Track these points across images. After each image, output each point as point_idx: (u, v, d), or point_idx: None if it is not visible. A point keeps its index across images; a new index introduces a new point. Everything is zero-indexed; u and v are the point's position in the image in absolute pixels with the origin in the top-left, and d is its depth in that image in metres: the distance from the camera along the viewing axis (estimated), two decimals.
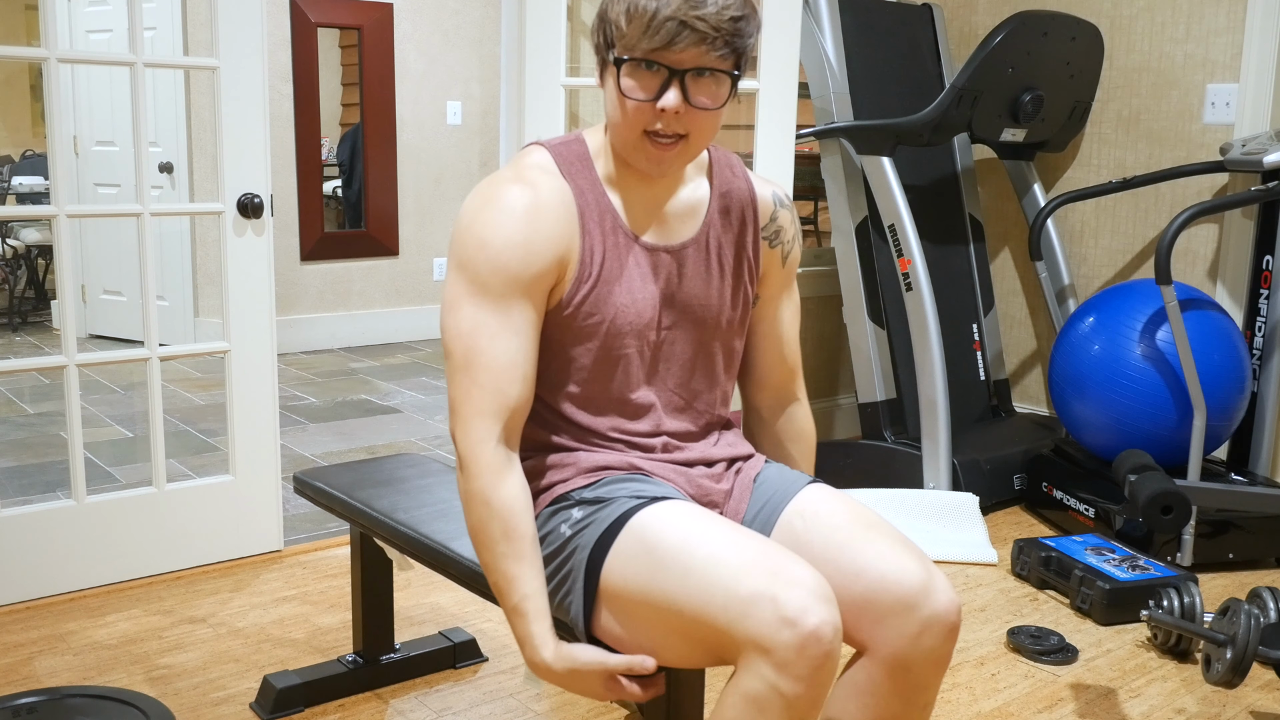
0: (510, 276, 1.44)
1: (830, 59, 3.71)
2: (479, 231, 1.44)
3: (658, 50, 1.39)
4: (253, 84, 2.87)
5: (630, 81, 1.43)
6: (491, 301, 1.44)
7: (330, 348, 6.19)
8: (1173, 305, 2.95)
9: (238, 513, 3.02)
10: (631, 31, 1.40)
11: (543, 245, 1.45)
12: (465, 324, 1.44)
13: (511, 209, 1.44)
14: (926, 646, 1.43)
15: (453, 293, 1.46)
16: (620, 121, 1.46)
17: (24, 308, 6.86)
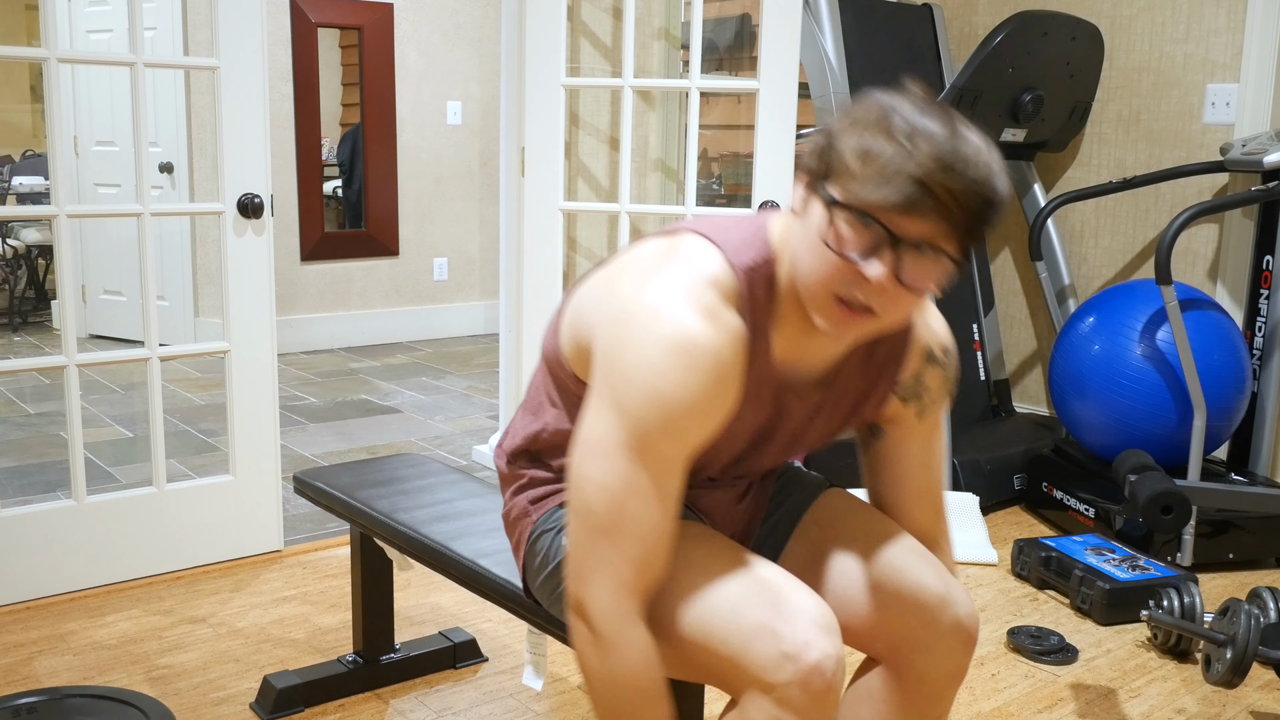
0: (683, 443, 1.25)
1: (830, 59, 3.71)
2: (659, 385, 1.22)
3: (884, 209, 1.16)
4: (253, 84, 2.87)
5: (838, 233, 1.19)
6: (653, 463, 1.24)
7: (330, 348, 6.19)
8: (1173, 305, 2.95)
9: (238, 513, 3.02)
10: (861, 176, 1.17)
11: (720, 412, 1.27)
12: (617, 481, 1.24)
13: (700, 368, 1.22)
14: (943, 659, 1.42)
15: (606, 438, 1.24)
16: (811, 271, 1.23)
17: (24, 308, 6.86)
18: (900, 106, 1.19)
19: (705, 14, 5.62)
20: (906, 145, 1.15)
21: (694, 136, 3.18)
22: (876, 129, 1.17)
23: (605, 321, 1.28)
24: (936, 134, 1.16)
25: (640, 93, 3.57)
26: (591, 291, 1.39)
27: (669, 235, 1.35)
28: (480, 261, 6.67)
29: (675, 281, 1.25)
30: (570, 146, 3.50)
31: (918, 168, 1.14)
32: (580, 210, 3.29)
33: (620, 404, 1.23)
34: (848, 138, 1.19)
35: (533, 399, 1.53)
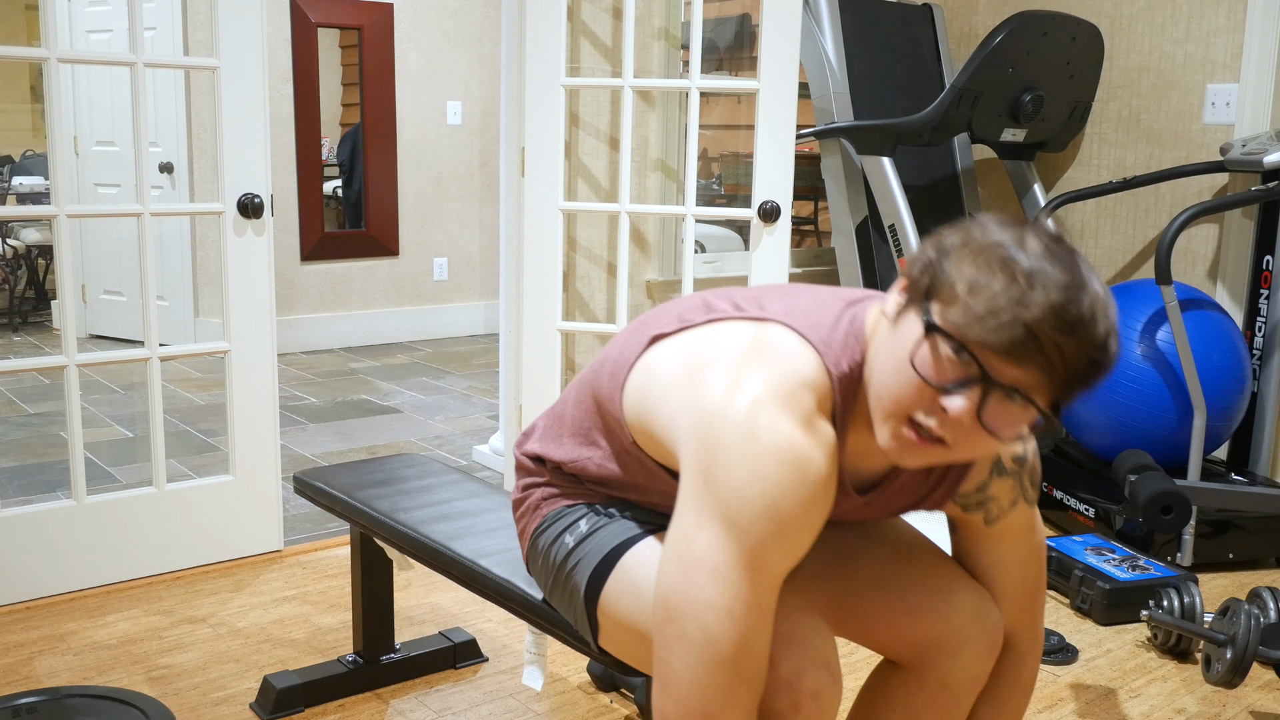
0: (795, 557, 1.20)
1: (830, 59, 3.71)
2: (776, 501, 1.16)
3: (985, 348, 1.10)
4: (253, 84, 2.87)
5: (928, 355, 1.14)
6: (768, 580, 1.18)
7: (330, 348, 6.19)
8: (1173, 305, 2.95)
9: (238, 513, 3.02)
10: (968, 307, 1.10)
11: (823, 522, 1.23)
12: (739, 604, 1.16)
13: (811, 482, 1.17)
14: (967, 665, 1.42)
15: (719, 557, 1.17)
16: (890, 388, 1.18)
17: (24, 308, 6.86)
18: (1026, 241, 1.11)
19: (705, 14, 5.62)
20: (1024, 287, 1.08)
21: (694, 136, 3.18)
22: (995, 262, 1.10)
23: (697, 427, 1.21)
24: (1058, 282, 1.08)
25: (640, 93, 3.57)
26: (669, 370, 1.31)
27: (755, 323, 1.28)
28: (480, 261, 6.67)
29: (773, 387, 1.19)
30: (570, 146, 3.50)
31: (1032, 316, 1.07)
32: (580, 210, 3.29)
33: (733, 520, 1.16)
34: (962, 263, 1.12)
35: (577, 424, 1.48)
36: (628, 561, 1.40)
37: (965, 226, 1.16)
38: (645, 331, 1.41)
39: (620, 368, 1.40)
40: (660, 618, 1.21)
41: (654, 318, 1.43)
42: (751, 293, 1.37)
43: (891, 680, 1.48)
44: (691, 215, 3.23)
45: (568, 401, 1.53)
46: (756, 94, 3.16)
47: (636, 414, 1.35)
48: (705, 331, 1.32)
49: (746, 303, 1.34)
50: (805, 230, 6.17)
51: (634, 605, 1.38)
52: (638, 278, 3.70)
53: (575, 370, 3.61)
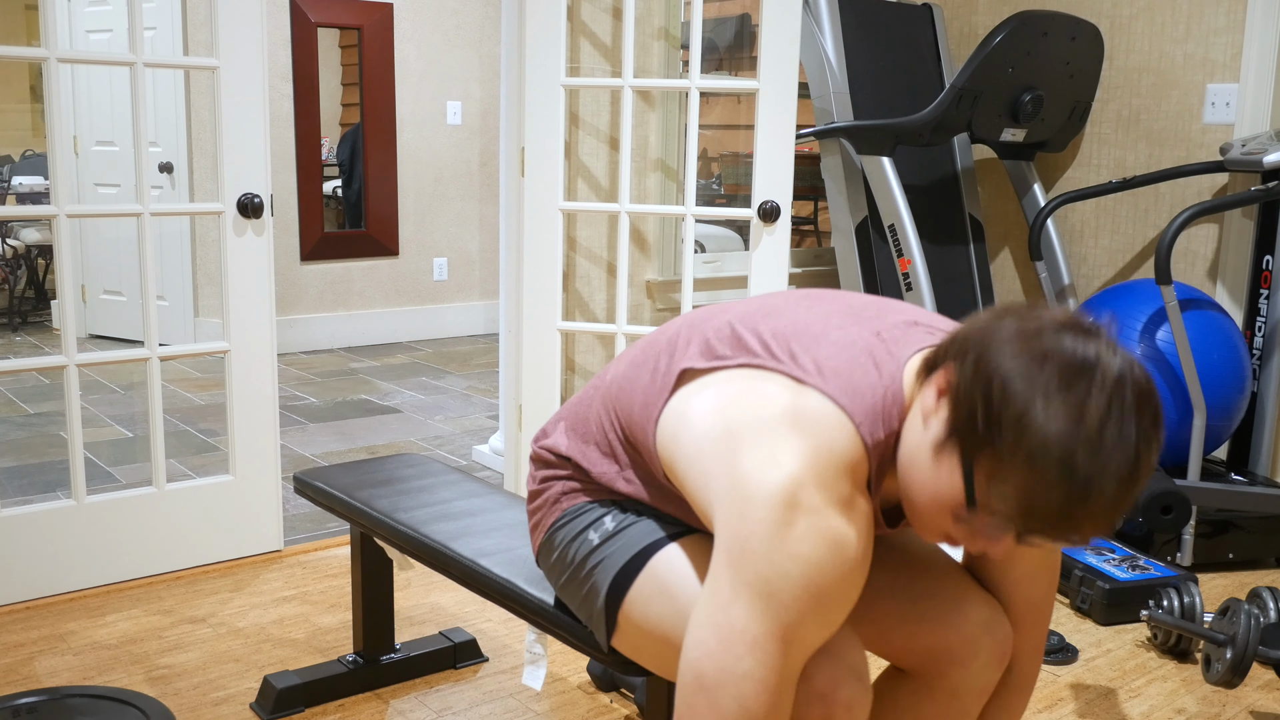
0: (832, 631, 1.21)
1: (830, 59, 3.71)
2: (817, 581, 1.16)
3: (1029, 530, 1.13)
4: (253, 84, 2.87)
5: (973, 522, 1.17)
6: (802, 653, 1.19)
7: (330, 348, 6.19)
8: (1173, 305, 2.95)
9: (238, 513, 3.02)
10: (1024, 510, 1.11)
11: (859, 591, 1.25)
12: (775, 676, 1.17)
13: (852, 561, 1.18)
14: (978, 675, 1.42)
15: (756, 631, 1.17)
16: (923, 506, 1.20)
17: (24, 308, 6.86)
18: (1089, 428, 1.08)
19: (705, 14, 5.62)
20: (1084, 494, 1.08)
21: (694, 136, 3.18)
22: (1054, 471, 1.08)
23: (731, 499, 1.20)
24: (1118, 475, 1.09)
25: (640, 93, 3.57)
26: (702, 425, 1.29)
27: (790, 383, 1.26)
28: (480, 261, 6.67)
29: (812, 469, 1.18)
30: (570, 146, 3.50)
31: (1088, 512, 1.09)
32: (580, 210, 3.29)
33: (772, 594, 1.16)
34: (1017, 456, 1.09)
35: (603, 439, 1.47)
36: (657, 564, 1.39)
37: (1018, 380, 1.10)
38: (675, 359, 1.38)
39: (652, 402, 1.38)
40: (690, 686, 1.20)
41: (680, 340, 1.40)
42: (779, 327, 1.34)
43: (900, 688, 1.47)
44: (691, 215, 3.23)
45: (592, 407, 1.50)
46: (756, 94, 3.16)
47: (669, 459, 1.34)
48: (738, 383, 1.29)
49: (776, 343, 1.31)
50: (805, 230, 6.17)
51: (662, 609, 1.38)
52: (638, 278, 3.70)
53: (575, 370, 3.61)
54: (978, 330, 1.15)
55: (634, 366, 1.45)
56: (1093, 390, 1.08)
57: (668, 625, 1.37)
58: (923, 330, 1.31)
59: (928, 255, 3.84)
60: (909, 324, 1.32)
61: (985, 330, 1.15)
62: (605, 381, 1.50)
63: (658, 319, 3.77)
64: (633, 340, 3.48)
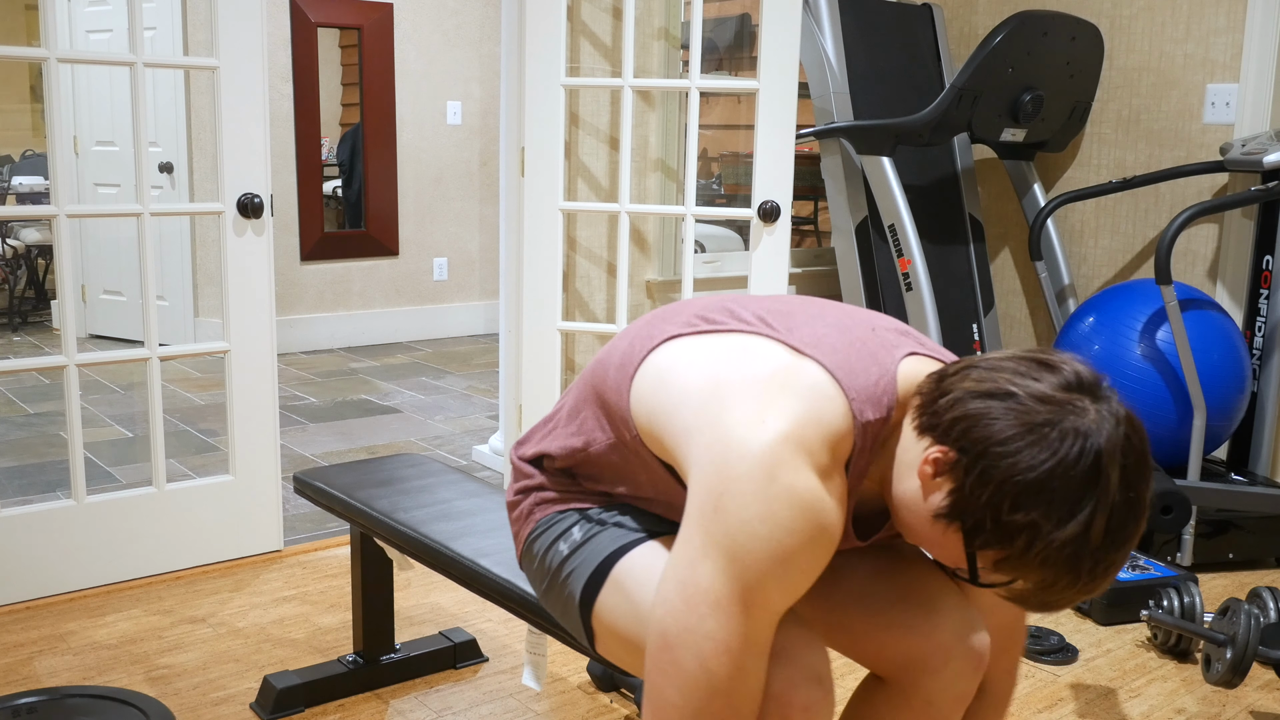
0: (794, 598, 1.21)
1: (830, 59, 3.71)
2: (786, 545, 1.16)
3: (1026, 603, 1.17)
4: (253, 84, 2.87)
5: (970, 567, 1.19)
6: (766, 617, 1.19)
7: (330, 348, 6.19)
8: (1173, 305, 2.95)
9: (238, 513, 3.02)
10: (1025, 591, 1.16)
11: (824, 566, 1.26)
12: (737, 639, 1.17)
13: (824, 532, 1.18)
14: (952, 682, 1.41)
15: (720, 591, 1.17)
16: (914, 530, 1.23)
17: (24, 308, 6.86)
18: (1108, 537, 1.12)
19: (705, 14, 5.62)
20: (1085, 581, 1.13)
21: (694, 136, 3.18)
22: (1062, 565, 1.12)
23: (713, 452, 1.20)
24: (1121, 546, 1.13)
25: (640, 93, 3.57)
26: (687, 376, 1.28)
27: (786, 349, 1.26)
28: (480, 261, 6.67)
29: (797, 433, 1.17)
30: (570, 146, 3.50)
31: (1080, 590, 1.14)
32: (580, 210, 3.29)
33: (739, 555, 1.16)
34: (1027, 559, 1.12)
35: (574, 415, 1.47)
36: (619, 571, 1.39)
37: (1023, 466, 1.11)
38: (659, 328, 1.38)
39: (629, 360, 1.38)
40: (656, 644, 1.21)
41: (669, 315, 1.40)
42: (776, 306, 1.34)
43: (877, 695, 1.46)
44: (691, 215, 3.23)
45: (566, 399, 1.51)
46: (756, 94, 3.16)
47: (646, 412, 1.33)
48: (730, 341, 1.29)
49: (773, 318, 1.31)
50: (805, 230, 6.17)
51: (627, 616, 1.38)
52: (638, 278, 3.70)
53: (575, 370, 3.61)
54: (972, 417, 1.14)
55: (616, 340, 1.45)
56: (1099, 507, 1.11)
57: (633, 631, 1.37)
58: (912, 340, 1.32)
59: (928, 255, 3.84)
60: (899, 332, 1.33)
61: (982, 423, 1.14)
62: (583, 371, 1.50)
63: None
64: None
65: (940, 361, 1.32)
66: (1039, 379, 1.15)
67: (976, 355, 1.22)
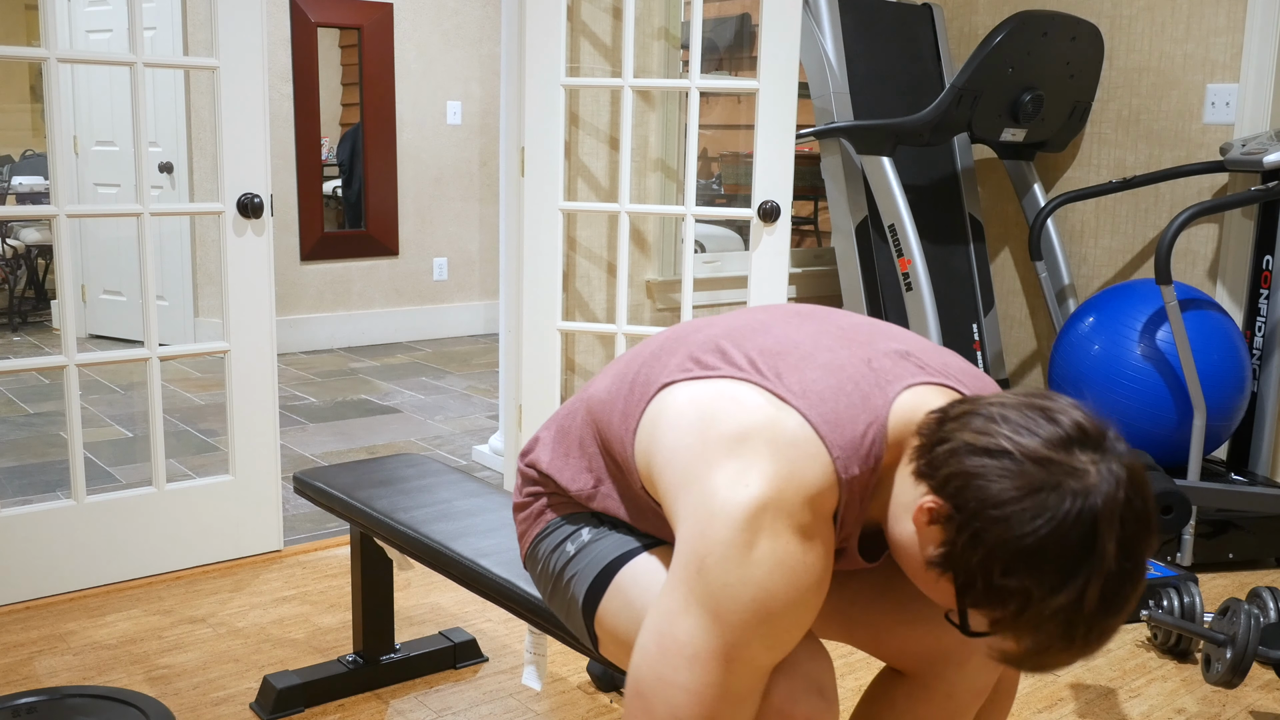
0: (784, 652, 1.21)
1: (830, 59, 3.71)
2: (767, 605, 1.17)
3: (1018, 663, 1.16)
4: (253, 84, 2.87)
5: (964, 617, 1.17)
6: (748, 672, 1.19)
7: (330, 348, 6.19)
8: (1173, 305, 2.95)
9: (238, 513, 3.02)
10: (1018, 654, 1.14)
11: (814, 615, 1.24)
12: (712, 691, 1.18)
13: (805, 590, 1.18)
14: (974, 676, 1.42)
15: (699, 645, 1.18)
16: (912, 572, 1.23)
17: (24, 308, 6.86)
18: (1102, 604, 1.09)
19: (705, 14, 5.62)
20: (1079, 646, 1.12)
21: (694, 136, 3.18)
22: (1059, 624, 1.10)
23: (697, 512, 1.20)
24: (1116, 615, 1.11)
25: (640, 93, 3.57)
26: (677, 429, 1.28)
27: (774, 399, 1.24)
28: (480, 261, 6.67)
29: (776, 495, 1.17)
30: (570, 146, 3.50)
31: (1073, 655, 1.13)
32: (580, 210, 3.29)
33: (720, 614, 1.17)
34: (1020, 626, 1.11)
35: (583, 451, 1.46)
36: (623, 577, 1.39)
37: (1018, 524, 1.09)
38: (656, 372, 1.37)
39: (630, 414, 1.37)
40: (630, 689, 1.22)
41: (665, 352, 1.39)
42: (767, 344, 1.32)
43: (896, 689, 1.47)
44: (691, 215, 3.23)
45: (575, 419, 1.49)
46: (756, 94, 3.16)
47: (645, 467, 1.33)
48: (717, 390, 1.28)
49: (762, 360, 1.29)
50: (805, 230, 6.17)
51: (628, 622, 1.38)
52: (638, 278, 3.70)
53: (575, 370, 3.61)
54: (968, 475, 1.12)
55: (617, 380, 1.43)
56: (1093, 576, 1.08)
57: (634, 637, 1.37)
58: (913, 365, 1.29)
59: (928, 255, 3.84)
60: (900, 355, 1.30)
61: (976, 483, 1.11)
62: (589, 395, 1.49)
63: (658, 319, 3.77)
64: (632, 340, 3.48)
65: (945, 387, 1.28)
66: (1039, 433, 1.11)
67: (980, 399, 1.18)
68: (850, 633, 1.49)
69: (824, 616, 1.51)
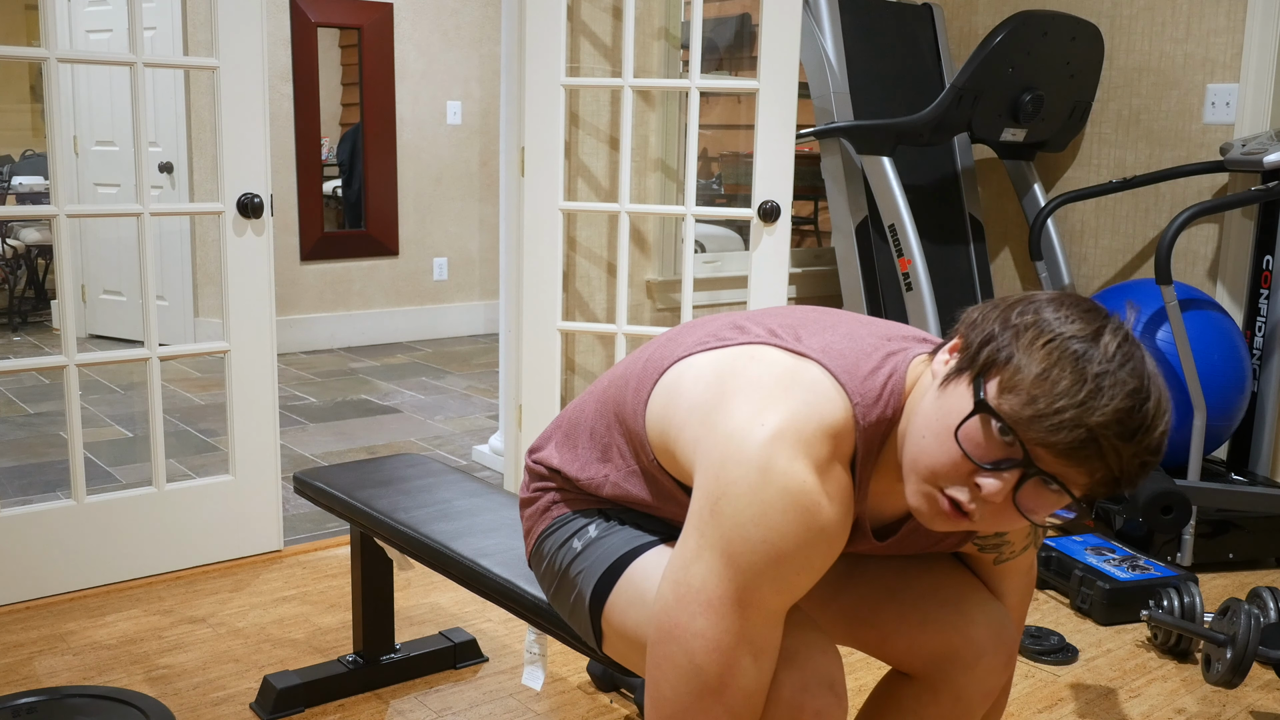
0: (792, 598, 1.20)
1: (830, 59, 3.71)
2: (778, 544, 1.16)
3: (1039, 443, 1.09)
4: (253, 84, 2.87)
5: (973, 435, 1.13)
6: (761, 617, 1.18)
7: (330, 348, 6.19)
8: (1173, 305, 2.95)
9: (238, 513, 3.02)
10: (1030, 400, 1.08)
11: (827, 567, 1.22)
12: (728, 637, 1.17)
13: (819, 530, 1.16)
14: (983, 677, 1.42)
15: (713, 590, 1.18)
16: (927, 455, 1.16)
17: (24, 308, 6.86)
18: (1101, 338, 1.09)
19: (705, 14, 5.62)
20: (1092, 390, 1.07)
21: (694, 136, 3.18)
22: (1067, 358, 1.08)
23: (713, 454, 1.20)
24: (1127, 389, 1.07)
25: (640, 93, 3.57)
26: (694, 390, 1.29)
27: (791, 355, 1.26)
28: (480, 261, 6.67)
29: (793, 428, 1.17)
30: (570, 146, 3.50)
31: (1096, 420, 1.06)
32: (580, 210, 3.29)
33: (732, 556, 1.16)
34: (1032, 348, 1.09)
35: (596, 437, 1.46)
36: (634, 572, 1.39)
37: (1038, 307, 1.13)
38: (672, 349, 1.38)
39: (644, 384, 1.38)
40: (653, 638, 1.23)
41: (683, 334, 1.41)
42: (788, 319, 1.34)
43: (903, 690, 1.46)
44: (691, 215, 3.23)
45: (585, 412, 1.50)
46: (756, 94, 3.16)
47: (660, 431, 1.33)
48: (736, 352, 1.29)
49: (783, 330, 1.31)
50: (805, 230, 6.17)
51: (638, 617, 1.38)
52: (638, 278, 3.70)
53: (575, 370, 3.61)
54: (983, 309, 1.18)
55: (629, 364, 1.45)
56: (1107, 326, 1.11)
57: (642, 633, 1.37)
58: (929, 345, 1.33)
59: (928, 255, 3.84)
60: (917, 339, 1.33)
61: (991, 304, 1.17)
62: (598, 387, 1.50)
63: (658, 319, 3.77)
64: (633, 340, 3.48)
65: None
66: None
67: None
68: (858, 635, 1.49)
69: (831, 619, 1.51)
